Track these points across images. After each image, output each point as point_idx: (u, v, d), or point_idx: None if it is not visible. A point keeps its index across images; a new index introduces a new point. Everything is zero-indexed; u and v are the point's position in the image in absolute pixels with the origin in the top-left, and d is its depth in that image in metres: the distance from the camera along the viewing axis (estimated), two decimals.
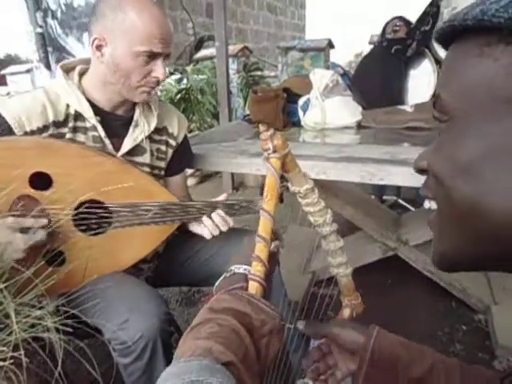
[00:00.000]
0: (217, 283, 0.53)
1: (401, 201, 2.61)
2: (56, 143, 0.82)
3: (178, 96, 3.04)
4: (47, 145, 0.81)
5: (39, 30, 4.41)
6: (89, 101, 0.88)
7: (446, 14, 1.53)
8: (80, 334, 0.84)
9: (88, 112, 0.87)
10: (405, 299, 1.68)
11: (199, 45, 4.12)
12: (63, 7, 4.41)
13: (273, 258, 0.56)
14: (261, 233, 0.54)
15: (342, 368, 0.56)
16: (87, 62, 0.91)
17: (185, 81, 3.21)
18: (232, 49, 3.37)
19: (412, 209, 2.49)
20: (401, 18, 1.68)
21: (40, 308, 0.72)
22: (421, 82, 1.73)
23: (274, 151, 0.61)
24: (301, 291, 1.71)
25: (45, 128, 0.83)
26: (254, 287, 0.49)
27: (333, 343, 0.56)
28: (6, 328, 0.68)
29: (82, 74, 0.91)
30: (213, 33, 2.89)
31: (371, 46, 2.54)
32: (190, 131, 3.36)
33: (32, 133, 0.82)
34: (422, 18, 1.54)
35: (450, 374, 0.49)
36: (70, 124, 0.87)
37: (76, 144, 0.86)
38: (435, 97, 0.32)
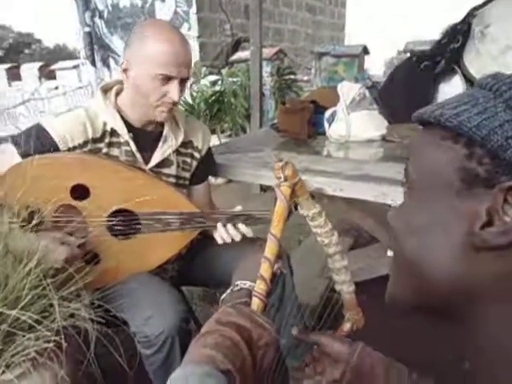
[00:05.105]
0: (223, 296, 0.61)
1: None
2: (93, 159, 0.94)
3: (213, 98, 3.15)
4: (86, 160, 0.93)
5: (87, 29, 4.68)
6: (123, 118, 0.99)
7: (477, 31, 1.52)
8: (110, 324, 0.96)
9: (122, 129, 0.98)
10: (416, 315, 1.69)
11: (236, 46, 4.22)
12: (110, 7, 4.63)
13: (275, 277, 0.63)
14: (267, 254, 0.62)
15: (327, 376, 0.62)
16: (123, 82, 1.01)
17: (219, 82, 3.32)
18: (267, 52, 3.44)
19: None
20: None
21: (78, 301, 0.84)
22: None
23: (285, 180, 0.69)
24: (317, 295, 1.77)
25: (84, 144, 0.95)
26: (255, 303, 0.57)
27: (321, 351, 0.63)
28: (50, 316, 0.80)
29: (117, 94, 1.02)
30: (249, 34, 2.97)
31: (405, 55, 2.53)
32: (222, 131, 3.47)
33: (74, 148, 0.94)
34: (452, 35, 1.54)
35: None
36: (106, 140, 0.98)
37: (110, 160, 0.97)
38: (406, 164, 0.38)
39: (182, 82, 0.96)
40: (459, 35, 1.51)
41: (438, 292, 0.34)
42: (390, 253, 0.49)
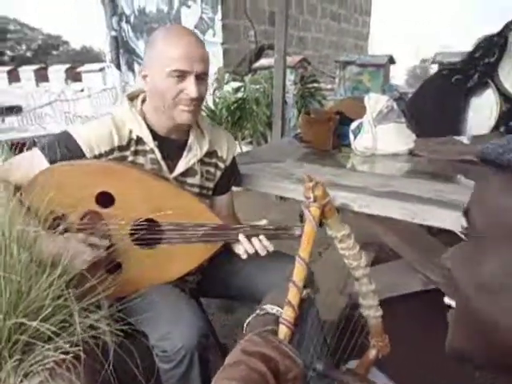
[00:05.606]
0: (249, 319, 0.59)
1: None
2: (119, 167, 0.94)
3: (235, 105, 3.15)
4: (111, 168, 0.93)
5: (113, 33, 4.78)
6: (148, 126, 0.98)
7: None
8: (128, 335, 0.95)
9: (147, 137, 0.97)
10: (441, 337, 1.63)
11: (259, 53, 4.22)
12: (136, 12, 4.72)
13: (304, 303, 0.60)
14: (295, 279, 0.59)
15: None
16: None
17: (242, 89, 3.32)
18: (290, 60, 3.41)
19: (464, 238, 2.38)
20: None
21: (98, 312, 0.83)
22: (483, 112, 1.66)
23: (315, 200, 0.66)
24: (337, 311, 1.72)
25: (110, 151, 0.95)
26: (283, 332, 0.54)
27: None
28: (70, 327, 0.79)
29: (143, 102, 1.02)
30: (273, 41, 2.96)
31: (429, 64, 2.46)
32: (243, 138, 3.46)
33: (100, 155, 0.94)
34: (487, 49, 1.49)
35: None
36: (132, 148, 0.97)
37: (136, 168, 0.97)
38: (466, 209, 0.35)
39: (200, 78, 0.93)
40: (495, 48, 1.46)
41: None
42: (448, 300, 0.45)
